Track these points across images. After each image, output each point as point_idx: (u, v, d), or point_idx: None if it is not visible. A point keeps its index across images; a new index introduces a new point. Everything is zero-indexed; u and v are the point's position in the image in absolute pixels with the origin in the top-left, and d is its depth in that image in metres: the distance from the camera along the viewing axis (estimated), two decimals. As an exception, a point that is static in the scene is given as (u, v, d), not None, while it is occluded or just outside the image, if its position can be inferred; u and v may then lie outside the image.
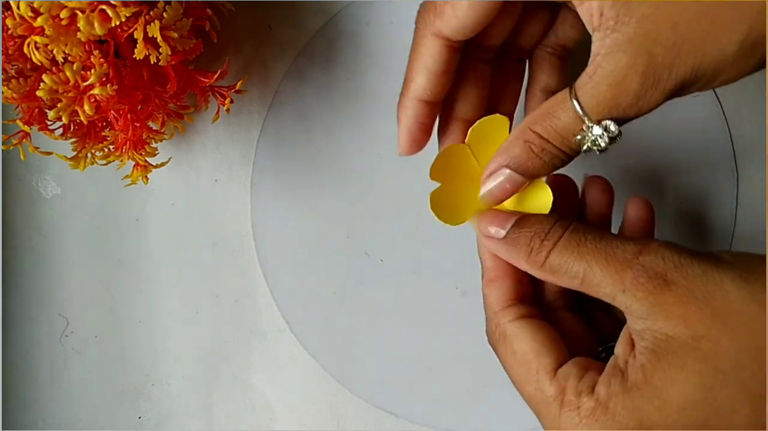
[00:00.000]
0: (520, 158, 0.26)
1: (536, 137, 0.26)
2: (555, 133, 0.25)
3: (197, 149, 0.41)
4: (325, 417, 0.41)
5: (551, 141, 0.26)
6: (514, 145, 0.27)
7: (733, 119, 0.38)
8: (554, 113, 0.25)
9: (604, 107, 0.24)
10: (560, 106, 0.25)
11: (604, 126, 0.25)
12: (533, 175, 0.27)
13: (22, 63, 0.32)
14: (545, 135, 0.26)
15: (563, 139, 0.25)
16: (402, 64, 0.40)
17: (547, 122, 0.26)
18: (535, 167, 0.26)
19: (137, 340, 0.42)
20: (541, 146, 0.26)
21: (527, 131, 0.26)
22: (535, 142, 0.26)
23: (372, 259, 0.40)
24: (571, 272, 0.25)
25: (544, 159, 0.26)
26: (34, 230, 0.42)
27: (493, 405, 0.39)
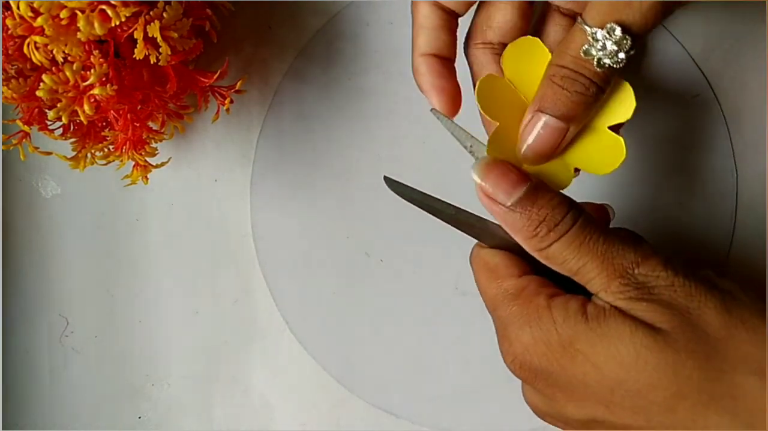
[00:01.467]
0: (546, 95, 0.26)
1: (556, 68, 0.26)
2: (570, 56, 0.25)
3: (197, 149, 0.41)
4: (325, 417, 0.41)
5: (568, 66, 0.25)
6: (540, 86, 0.26)
7: (733, 119, 0.38)
8: (567, 40, 0.25)
9: (603, 12, 0.24)
10: (571, 33, 0.25)
11: (607, 29, 0.24)
12: (566, 115, 0.26)
13: (22, 63, 0.32)
14: (561, 62, 0.25)
15: (576, 59, 0.25)
16: (402, 64, 0.40)
17: (562, 51, 0.25)
18: (564, 104, 0.26)
19: (137, 340, 0.42)
20: (560, 76, 0.25)
21: (550, 65, 0.26)
22: (556, 73, 0.26)
23: (372, 259, 0.40)
24: (566, 266, 0.26)
25: (567, 89, 0.25)
26: (34, 230, 0.42)
27: (493, 405, 0.39)
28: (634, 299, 0.25)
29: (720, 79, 0.38)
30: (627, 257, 0.25)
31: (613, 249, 0.25)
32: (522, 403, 0.37)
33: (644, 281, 0.25)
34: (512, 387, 0.39)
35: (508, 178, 0.26)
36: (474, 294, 0.39)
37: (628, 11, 0.24)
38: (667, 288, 0.25)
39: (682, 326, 0.24)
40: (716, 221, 0.38)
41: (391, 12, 0.39)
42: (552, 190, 0.26)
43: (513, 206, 0.26)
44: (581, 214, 0.26)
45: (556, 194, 0.26)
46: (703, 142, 0.39)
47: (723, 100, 0.38)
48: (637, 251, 0.25)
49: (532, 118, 0.26)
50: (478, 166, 0.27)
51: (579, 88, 0.25)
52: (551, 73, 0.26)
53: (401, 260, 0.40)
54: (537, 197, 0.26)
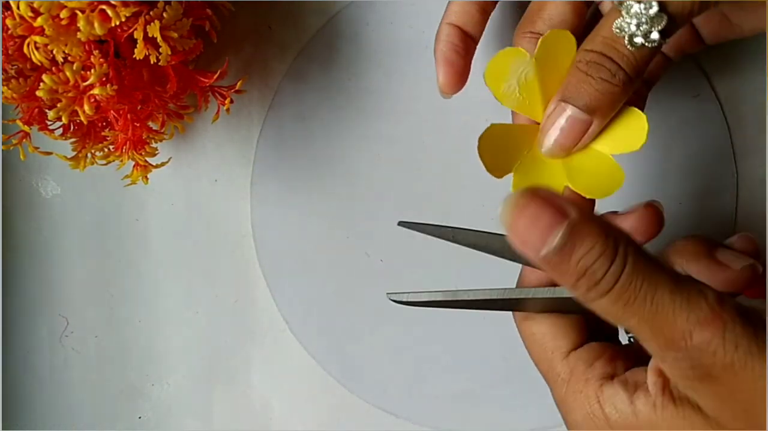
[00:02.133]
0: (571, 83, 0.25)
1: (583, 53, 0.25)
2: (599, 37, 0.24)
3: (197, 149, 0.41)
4: (325, 417, 0.41)
5: (596, 49, 0.24)
6: (569, 77, 0.25)
7: (733, 119, 0.38)
8: (599, 23, 0.25)
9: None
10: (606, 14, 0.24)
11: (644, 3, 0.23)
12: (592, 106, 0.25)
13: (22, 63, 0.32)
14: (589, 46, 0.24)
15: (606, 39, 0.24)
16: (402, 64, 0.40)
17: (591, 39, 0.24)
18: (588, 94, 0.24)
19: (137, 340, 0.42)
20: (586, 60, 0.24)
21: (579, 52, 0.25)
22: (582, 59, 0.25)
23: (372, 259, 0.40)
24: (616, 320, 0.22)
25: (593, 76, 0.24)
26: (34, 230, 0.42)
27: (493, 405, 0.39)
28: (691, 379, 0.21)
29: (720, 79, 0.38)
30: (678, 325, 0.21)
31: (662, 312, 0.21)
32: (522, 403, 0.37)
33: (699, 358, 0.21)
34: (512, 388, 0.39)
35: (542, 221, 0.21)
36: (474, 294, 0.39)
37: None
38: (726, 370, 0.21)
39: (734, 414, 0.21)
40: (716, 221, 0.38)
41: (391, 12, 0.39)
42: (596, 229, 0.21)
43: (549, 256, 0.21)
44: (627, 260, 0.21)
45: (600, 236, 0.21)
46: (703, 142, 0.39)
47: (723, 100, 0.38)
48: (691, 316, 0.21)
49: (555, 108, 0.26)
50: (506, 209, 0.21)
51: (604, 74, 0.24)
52: (578, 59, 0.25)
53: (401, 260, 0.40)
54: (576, 242, 0.20)
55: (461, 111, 0.39)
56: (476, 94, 0.30)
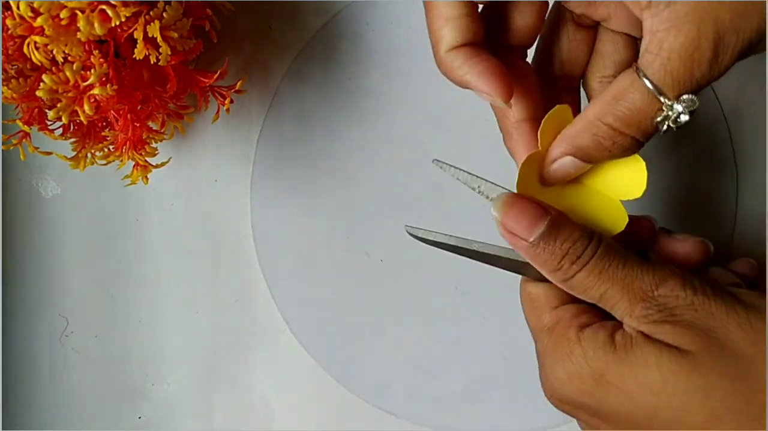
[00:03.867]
0: (587, 149, 0.25)
1: (608, 129, 0.25)
2: (630, 119, 0.24)
3: (197, 149, 0.41)
4: (325, 417, 0.41)
5: (625, 131, 0.25)
6: (580, 137, 0.25)
7: (733, 119, 0.38)
8: (624, 98, 0.24)
9: (679, 81, 0.23)
10: (631, 89, 0.24)
11: (685, 101, 0.24)
12: (597, 161, 0.26)
13: (22, 63, 0.32)
14: (617, 125, 0.24)
15: (639, 124, 0.24)
16: (402, 64, 0.40)
17: (619, 110, 0.24)
18: (602, 158, 0.26)
19: (137, 340, 0.42)
20: (612, 139, 0.25)
21: (597, 122, 0.25)
22: (606, 135, 0.25)
23: (372, 259, 0.40)
24: (589, 293, 0.26)
25: (614, 152, 0.25)
26: (34, 230, 0.42)
27: (493, 405, 0.39)
28: (658, 322, 0.25)
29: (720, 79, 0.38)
30: (646, 280, 0.25)
31: (632, 273, 0.25)
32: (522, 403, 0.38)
33: (665, 303, 0.25)
34: (512, 387, 0.39)
35: (528, 214, 0.26)
36: (474, 294, 0.39)
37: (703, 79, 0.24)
38: (688, 308, 0.24)
39: (707, 346, 0.24)
40: (716, 222, 0.38)
41: (391, 12, 0.39)
42: (572, 222, 0.26)
43: (535, 241, 0.26)
44: (601, 242, 0.26)
45: (576, 227, 0.26)
46: (704, 143, 0.39)
47: (723, 100, 0.38)
48: (656, 273, 0.25)
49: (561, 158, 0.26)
50: (498, 203, 0.26)
51: (628, 151, 0.25)
52: (599, 132, 0.25)
53: (401, 260, 0.40)
54: (558, 231, 0.26)
55: (461, 111, 0.39)
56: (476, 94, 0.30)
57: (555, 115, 0.27)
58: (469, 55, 0.26)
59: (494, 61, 0.26)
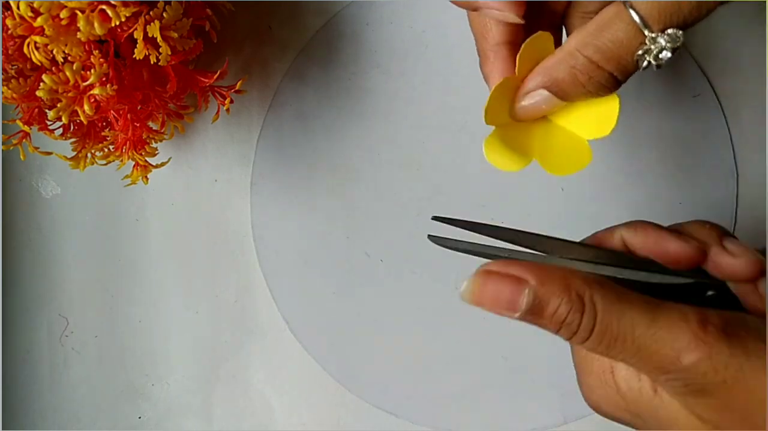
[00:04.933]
0: (563, 83, 0.24)
1: (586, 62, 0.23)
2: (611, 52, 0.23)
3: (197, 149, 0.41)
4: (325, 417, 0.41)
5: (603, 65, 0.23)
6: (557, 68, 0.24)
7: (733, 119, 0.38)
8: (608, 29, 0.23)
9: (667, 14, 0.22)
10: (615, 20, 0.23)
11: (669, 35, 0.22)
12: (571, 98, 0.25)
13: (22, 63, 0.32)
14: (596, 57, 0.23)
15: (619, 58, 0.23)
16: (402, 64, 0.40)
17: (601, 41, 0.23)
18: (576, 94, 0.25)
19: (137, 340, 0.42)
20: (589, 73, 0.24)
21: (576, 53, 0.24)
22: (584, 68, 0.24)
23: (372, 259, 0.40)
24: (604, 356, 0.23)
25: (589, 88, 0.24)
26: (34, 230, 0.42)
27: (493, 405, 0.39)
28: (689, 394, 0.22)
29: (720, 79, 0.38)
30: (663, 353, 0.22)
31: (645, 344, 0.22)
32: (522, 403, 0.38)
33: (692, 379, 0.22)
34: (512, 387, 0.39)
35: (503, 297, 0.23)
36: (474, 294, 0.39)
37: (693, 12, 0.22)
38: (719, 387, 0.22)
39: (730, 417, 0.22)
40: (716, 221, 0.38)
41: (391, 12, 0.39)
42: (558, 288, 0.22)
43: (522, 318, 0.23)
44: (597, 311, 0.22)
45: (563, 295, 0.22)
46: (703, 142, 0.39)
47: (723, 100, 0.38)
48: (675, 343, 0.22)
49: (535, 89, 0.25)
50: (467, 291, 0.23)
51: (603, 90, 0.24)
52: (576, 65, 0.24)
53: (401, 260, 0.40)
54: (542, 308, 0.22)
55: (461, 111, 0.39)
56: (476, 94, 0.30)
57: (535, 42, 0.26)
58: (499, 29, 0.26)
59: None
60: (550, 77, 0.25)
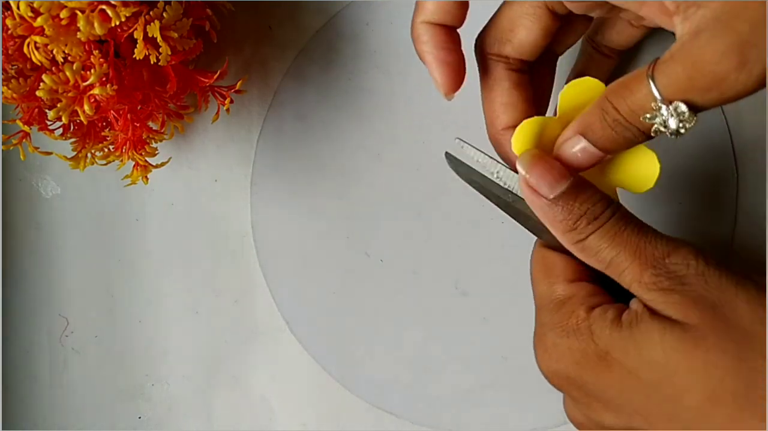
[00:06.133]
0: (594, 126, 0.25)
1: (611, 107, 0.25)
2: (627, 107, 0.24)
3: (197, 149, 0.41)
4: (325, 417, 0.41)
5: (623, 115, 0.25)
6: (590, 113, 0.26)
7: (733, 119, 0.38)
8: (630, 87, 0.24)
9: (677, 88, 0.23)
10: (636, 81, 0.24)
11: (674, 108, 0.23)
12: (607, 148, 0.26)
13: (22, 63, 0.32)
14: (618, 107, 0.25)
15: (634, 115, 0.24)
16: (402, 64, 0.40)
17: (622, 96, 0.24)
18: (608, 139, 0.25)
19: (137, 340, 0.42)
20: (613, 118, 0.25)
21: (604, 100, 0.25)
22: (609, 112, 0.25)
23: (372, 259, 0.40)
24: (600, 257, 0.26)
25: (616, 131, 0.25)
26: (34, 230, 0.42)
27: (493, 405, 0.39)
28: (666, 290, 0.24)
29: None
30: (659, 247, 0.25)
31: (646, 239, 0.25)
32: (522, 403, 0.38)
33: (675, 271, 0.24)
34: (512, 387, 0.39)
35: (553, 172, 0.26)
36: (474, 294, 0.39)
37: (704, 95, 0.23)
38: (698, 278, 0.24)
39: (712, 321, 0.23)
40: (716, 221, 0.38)
41: (391, 12, 0.39)
42: (594, 187, 0.26)
43: (556, 199, 0.26)
44: (619, 208, 0.26)
45: (597, 190, 0.26)
46: (703, 142, 0.39)
47: (723, 100, 0.38)
48: (670, 242, 0.25)
49: (573, 137, 0.26)
50: (524, 158, 0.27)
51: (628, 135, 0.25)
52: (603, 107, 0.25)
53: (401, 260, 0.40)
54: (579, 191, 0.26)
55: (461, 111, 0.39)
56: (476, 94, 0.30)
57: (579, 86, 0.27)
58: (439, 36, 0.28)
59: (456, 55, 0.28)
60: (583, 121, 0.26)
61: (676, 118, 0.23)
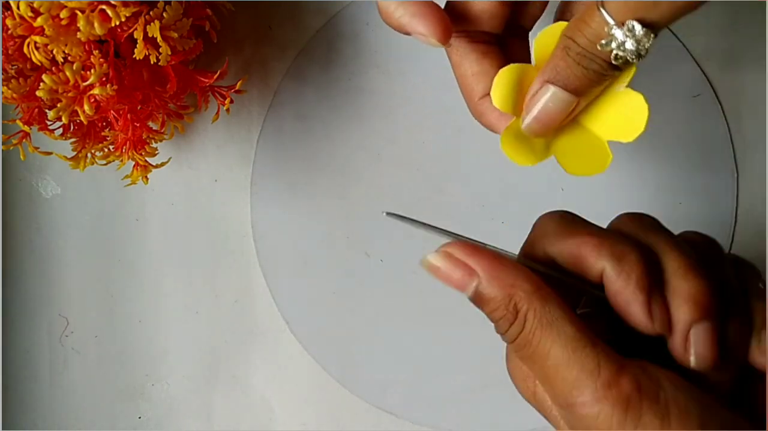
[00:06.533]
0: (558, 66, 0.25)
1: (571, 42, 0.24)
2: (585, 39, 0.24)
3: (197, 149, 0.41)
4: (325, 417, 0.41)
5: (583, 47, 0.24)
6: (553, 55, 0.25)
7: (733, 119, 0.38)
8: (584, 19, 0.24)
9: (626, 8, 0.23)
10: (589, 12, 0.24)
11: (628, 27, 0.23)
12: (576, 88, 0.25)
13: (22, 63, 0.32)
14: (577, 40, 0.24)
15: (593, 45, 0.24)
16: (402, 64, 0.40)
17: (578, 29, 0.24)
18: (575, 77, 0.25)
19: (137, 340, 0.42)
20: (576, 51, 0.24)
21: (564, 37, 0.25)
22: (571, 47, 0.24)
23: (372, 259, 0.40)
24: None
25: (582, 65, 0.24)
26: (34, 230, 0.42)
27: (493, 405, 0.39)
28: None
29: (720, 79, 0.38)
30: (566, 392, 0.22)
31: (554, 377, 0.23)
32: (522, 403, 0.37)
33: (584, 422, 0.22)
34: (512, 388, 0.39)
35: (454, 279, 0.25)
36: (474, 294, 0.39)
37: (654, 9, 0.23)
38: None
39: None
40: (716, 221, 0.38)
41: (391, 12, 0.39)
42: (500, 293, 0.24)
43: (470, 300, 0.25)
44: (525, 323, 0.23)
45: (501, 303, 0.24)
46: (703, 142, 0.39)
47: (723, 100, 0.38)
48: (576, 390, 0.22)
49: (540, 89, 0.25)
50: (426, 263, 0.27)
51: (595, 67, 0.24)
52: (565, 44, 0.25)
53: (401, 260, 0.40)
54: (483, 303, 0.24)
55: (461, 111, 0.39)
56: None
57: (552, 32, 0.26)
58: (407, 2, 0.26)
59: (431, 6, 0.26)
60: (548, 66, 0.25)
61: (632, 39, 0.23)
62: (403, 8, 0.26)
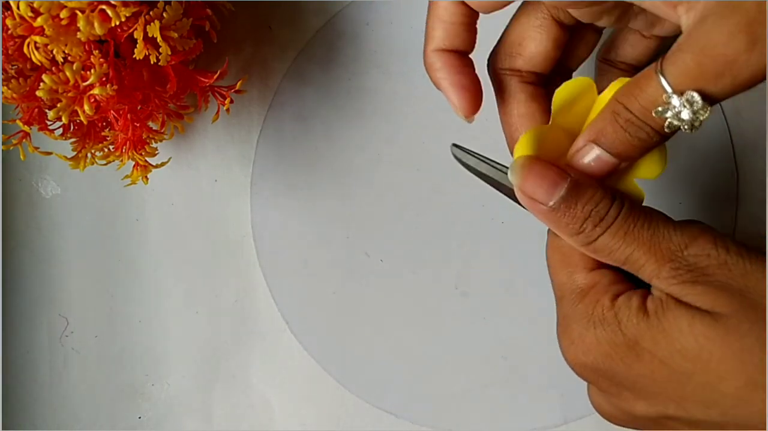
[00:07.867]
0: (606, 130, 0.25)
1: (622, 108, 0.24)
2: (639, 105, 0.24)
3: (197, 149, 0.41)
4: (325, 417, 0.41)
5: (635, 113, 0.24)
6: (600, 118, 0.25)
7: (733, 119, 0.38)
8: (639, 85, 0.24)
9: (688, 77, 0.22)
10: (645, 78, 0.23)
11: (686, 98, 0.22)
12: (622, 155, 0.25)
13: (22, 63, 0.32)
14: (629, 106, 0.24)
15: (646, 112, 0.24)
16: (402, 64, 0.40)
17: (632, 95, 0.24)
18: (621, 143, 0.25)
19: (137, 340, 0.42)
20: (625, 118, 0.24)
21: (615, 102, 0.24)
22: (621, 113, 0.24)
23: (372, 259, 0.40)
24: (614, 256, 0.25)
25: (629, 133, 0.24)
26: (34, 230, 0.42)
27: (493, 405, 0.39)
28: (688, 283, 0.24)
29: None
30: (674, 240, 0.24)
31: (659, 233, 0.24)
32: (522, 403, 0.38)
33: (695, 263, 0.24)
34: (512, 387, 0.39)
35: (548, 177, 0.25)
36: (474, 294, 0.39)
37: (717, 81, 0.22)
38: (721, 268, 0.24)
39: (742, 308, 0.23)
40: (716, 221, 0.38)
41: (391, 12, 0.39)
42: (594, 183, 0.25)
43: (555, 205, 0.25)
44: (624, 203, 0.25)
45: (598, 188, 0.25)
46: (703, 142, 0.39)
47: (723, 100, 0.38)
48: (685, 233, 0.24)
49: (584, 146, 0.25)
50: (515, 167, 0.26)
51: (642, 135, 0.24)
52: (615, 110, 0.24)
53: (401, 260, 0.40)
54: (579, 193, 0.25)
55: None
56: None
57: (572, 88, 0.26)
58: (451, 62, 0.28)
59: (471, 77, 0.28)
60: (595, 128, 0.25)
61: (689, 109, 0.23)
62: (444, 71, 0.28)
